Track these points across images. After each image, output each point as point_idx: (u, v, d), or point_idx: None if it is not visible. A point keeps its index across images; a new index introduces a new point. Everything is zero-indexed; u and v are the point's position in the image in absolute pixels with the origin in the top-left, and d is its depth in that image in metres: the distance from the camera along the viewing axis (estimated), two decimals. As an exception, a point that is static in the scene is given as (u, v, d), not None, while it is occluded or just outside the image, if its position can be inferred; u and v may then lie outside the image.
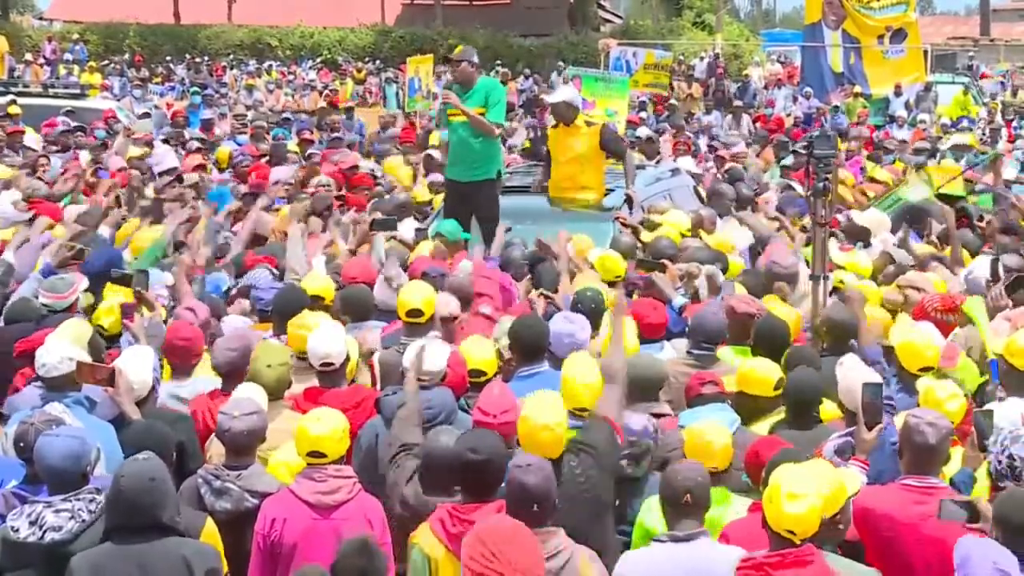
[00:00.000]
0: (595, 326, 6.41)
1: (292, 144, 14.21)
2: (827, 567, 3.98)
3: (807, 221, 8.27)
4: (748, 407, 5.49)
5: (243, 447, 4.82)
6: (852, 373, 5.20)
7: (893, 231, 8.95)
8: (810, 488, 3.99)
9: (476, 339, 5.75)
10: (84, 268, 7.03)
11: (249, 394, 5.12)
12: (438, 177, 10.79)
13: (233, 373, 5.58)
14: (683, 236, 8.29)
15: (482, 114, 8.79)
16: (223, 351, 5.68)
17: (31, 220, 8.73)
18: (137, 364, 5.36)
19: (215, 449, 5.15)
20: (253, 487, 4.76)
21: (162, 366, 6.06)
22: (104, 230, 8.39)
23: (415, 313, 6.04)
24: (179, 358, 5.87)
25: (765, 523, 4.04)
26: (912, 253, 8.19)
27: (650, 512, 4.67)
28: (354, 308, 6.67)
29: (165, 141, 13.95)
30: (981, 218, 9.12)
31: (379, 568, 3.96)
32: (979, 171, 11.43)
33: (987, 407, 5.22)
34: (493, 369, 5.52)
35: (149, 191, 10.41)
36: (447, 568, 4.25)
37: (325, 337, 5.63)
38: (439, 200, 9.99)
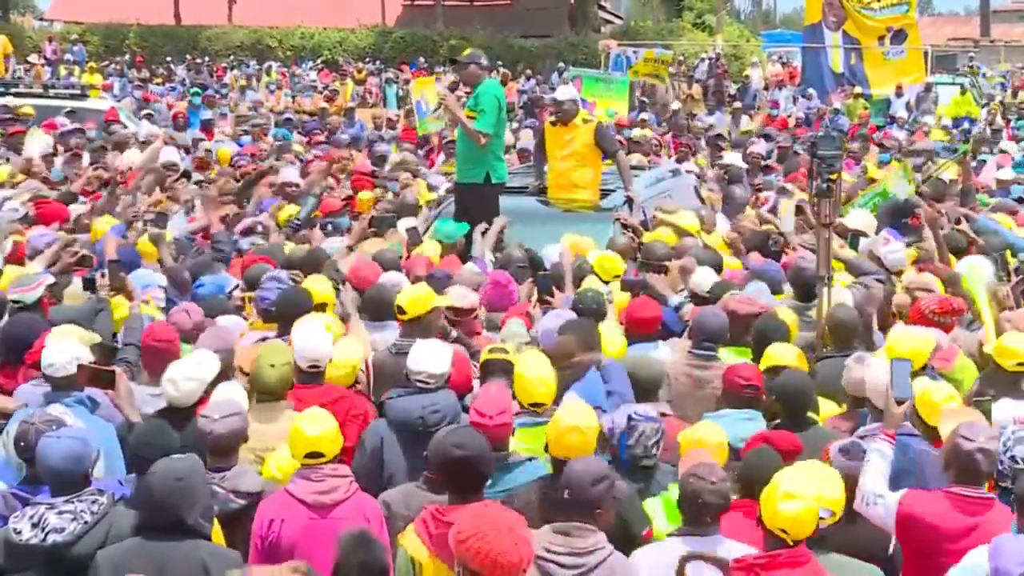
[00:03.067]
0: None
1: (295, 145, 14.24)
2: (819, 567, 3.99)
3: None
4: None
5: (225, 449, 4.82)
6: (879, 373, 5.19)
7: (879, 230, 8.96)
8: (807, 489, 4.00)
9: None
10: (100, 265, 7.05)
11: (229, 395, 5.08)
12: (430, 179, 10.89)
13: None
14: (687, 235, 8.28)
15: (473, 118, 8.82)
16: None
17: (26, 217, 8.76)
18: (188, 371, 5.26)
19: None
20: (237, 487, 4.76)
21: (139, 366, 6.06)
22: (118, 227, 8.47)
23: (398, 310, 6.08)
24: (156, 361, 5.70)
25: (760, 521, 4.06)
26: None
27: (653, 515, 4.65)
28: (374, 308, 6.63)
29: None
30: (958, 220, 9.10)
31: (379, 559, 3.96)
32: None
33: (987, 397, 5.26)
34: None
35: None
36: (430, 570, 4.26)
37: (312, 339, 5.62)
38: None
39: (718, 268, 7.41)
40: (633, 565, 4.19)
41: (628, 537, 4.45)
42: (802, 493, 3.98)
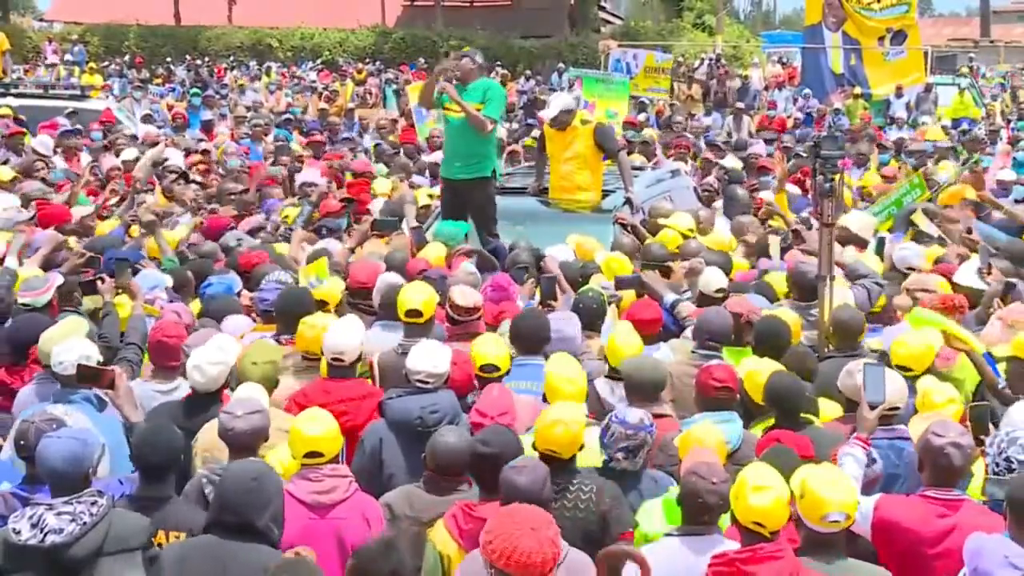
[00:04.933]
0: (595, 327, 6.44)
1: (294, 145, 14.25)
2: (797, 562, 3.98)
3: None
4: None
5: (244, 446, 4.79)
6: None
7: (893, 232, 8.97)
8: (775, 480, 4.01)
9: (489, 336, 5.83)
10: (105, 266, 7.05)
11: (251, 393, 5.12)
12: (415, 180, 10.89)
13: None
14: (684, 236, 8.29)
15: (479, 110, 8.67)
16: None
17: (32, 219, 8.76)
18: (213, 356, 5.31)
19: (200, 445, 5.14)
20: None
21: (140, 363, 6.07)
22: (118, 229, 8.46)
23: (414, 313, 6.03)
24: (164, 357, 5.80)
25: (734, 520, 4.06)
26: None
27: (649, 518, 4.63)
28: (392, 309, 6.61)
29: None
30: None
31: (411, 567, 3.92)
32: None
33: (983, 402, 5.25)
34: (506, 365, 5.51)
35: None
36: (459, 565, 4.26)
37: (340, 333, 5.65)
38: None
39: (727, 269, 7.42)
40: (591, 565, 4.11)
41: (609, 537, 4.45)
42: (770, 484, 4.00)
